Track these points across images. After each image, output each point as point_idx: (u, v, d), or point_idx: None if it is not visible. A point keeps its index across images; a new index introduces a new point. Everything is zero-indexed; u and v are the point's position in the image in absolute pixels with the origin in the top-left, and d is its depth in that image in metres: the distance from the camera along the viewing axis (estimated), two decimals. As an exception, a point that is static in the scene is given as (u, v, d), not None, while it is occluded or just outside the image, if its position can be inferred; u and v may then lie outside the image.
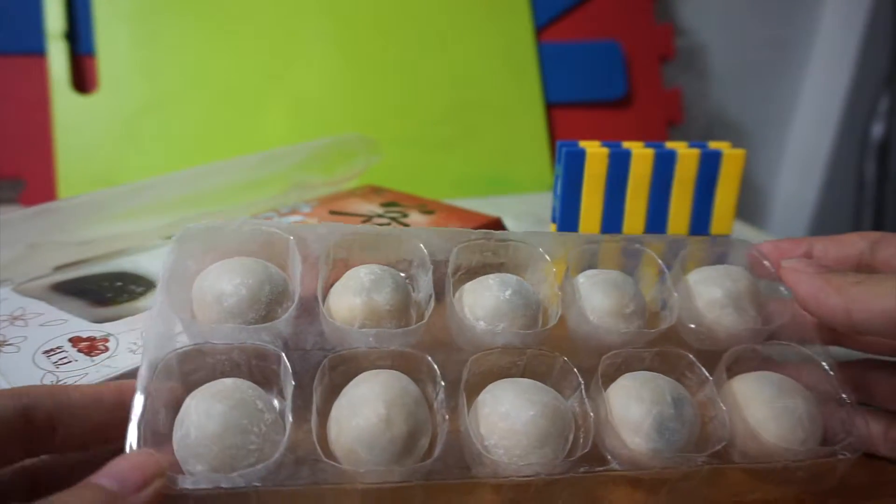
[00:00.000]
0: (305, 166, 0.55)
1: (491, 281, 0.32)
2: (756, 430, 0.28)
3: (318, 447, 0.25)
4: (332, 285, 0.31)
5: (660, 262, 0.34)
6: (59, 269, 0.44)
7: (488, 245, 0.34)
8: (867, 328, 0.27)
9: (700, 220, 0.44)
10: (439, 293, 0.31)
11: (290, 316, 0.29)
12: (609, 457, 0.28)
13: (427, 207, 0.52)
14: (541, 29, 0.78)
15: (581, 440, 0.28)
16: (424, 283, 0.32)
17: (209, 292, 0.29)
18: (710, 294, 0.33)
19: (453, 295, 0.32)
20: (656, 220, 0.44)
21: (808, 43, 0.94)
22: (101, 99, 0.66)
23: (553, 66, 0.78)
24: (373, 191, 0.57)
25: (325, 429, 0.26)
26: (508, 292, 0.31)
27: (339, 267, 0.32)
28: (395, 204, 0.53)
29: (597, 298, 0.32)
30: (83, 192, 0.46)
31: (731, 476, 0.30)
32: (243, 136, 0.69)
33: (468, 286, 0.32)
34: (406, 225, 0.48)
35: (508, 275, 0.32)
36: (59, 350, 0.34)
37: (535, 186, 0.75)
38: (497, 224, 0.51)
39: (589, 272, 0.34)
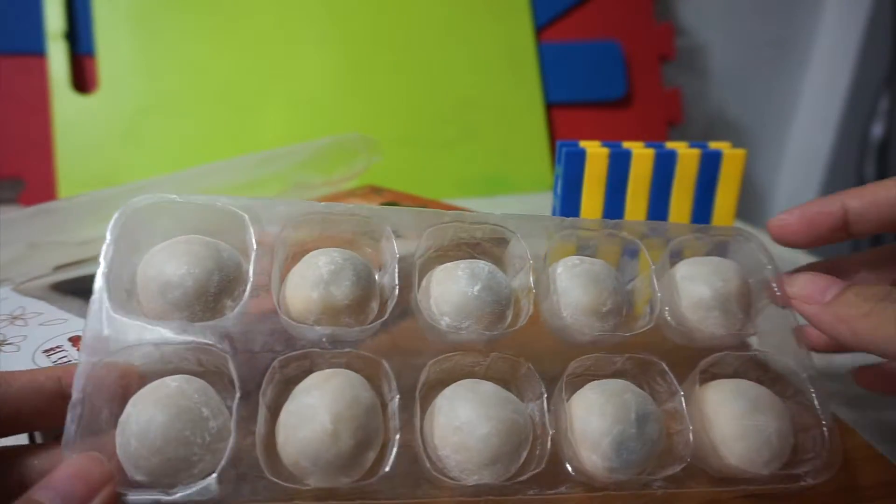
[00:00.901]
0: (305, 166, 0.55)
1: (460, 272, 0.29)
2: (720, 451, 0.27)
3: (262, 462, 0.24)
4: (289, 269, 0.29)
5: (647, 254, 0.32)
6: (59, 268, 0.44)
7: (463, 227, 0.31)
8: (881, 356, 0.27)
9: (700, 221, 0.44)
10: (408, 284, 0.29)
11: (240, 312, 0.27)
12: (564, 472, 0.27)
13: (427, 208, 0.52)
14: (541, 29, 0.78)
15: (538, 453, 0.27)
16: (391, 268, 0.29)
17: (153, 282, 0.27)
18: (696, 293, 0.31)
19: (423, 278, 0.30)
20: (656, 220, 0.44)
21: (808, 43, 0.94)
22: (101, 99, 0.66)
23: (553, 66, 0.78)
24: (373, 191, 0.57)
25: (275, 427, 0.26)
26: (477, 287, 0.29)
27: (300, 248, 0.30)
28: (395, 204, 0.53)
29: (573, 294, 0.30)
30: (83, 192, 0.46)
31: (690, 488, 0.29)
32: (243, 136, 0.69)
33: (437, 274, 0.30)
34: (406, 225, 0.48)
35: (481, 264, 0.30)
36: (58, 349, 0.34)
37: (535, 186, 0.75)
38: (497, 224, 0.50)
39: (569, 260, 0.31)
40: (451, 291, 0.29)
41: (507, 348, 0.29)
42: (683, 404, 0.28)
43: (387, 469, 0.25)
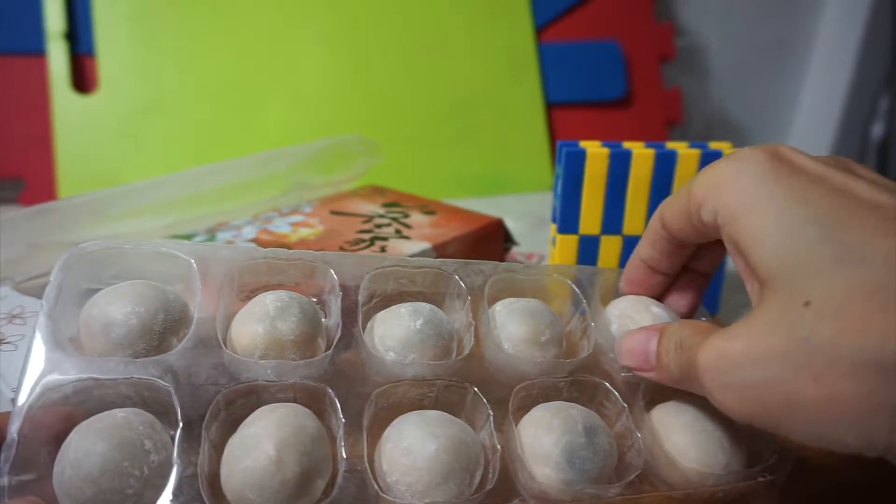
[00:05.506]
0: (305, 167, 0.55)
1: (403, 310, 0.30)
2: (674, 457, 0.27)
3: (204, 497, 0.23)
4: (236, 312, 0.29)
5: (577, 290, 0.34)
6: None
7: (404, 272, 0.32)
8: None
9: (700, 220, 0.44)
10: (352, 322, 0.30)
11: (184, 347, 0.27)
12: (519, 490, 0.26)
13: (428, 208, 0.52)
14: (541, 29, 0.78)
15: (490, 474, 0.26)
16: (335, 311, 0.30)
17: (97, 321, 0.27)
18: (623, 326, 0.32)
19: (366, 323, 0.31)
20: (657, 219, 0.44)
21: (808, 43, 0.94)
22: (101, 99, 0.66)
23: (553, 66, 0.78)
24: (375, 191, 0.57)
25: (220, 463, 0.25)
26: (419, 322, 0.30)
27: (247, 293, 0.30)
28: (397, 204, 0.53)
29: (512, 327, 0.31)
30: (83, 192, 0.46)
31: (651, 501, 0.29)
32: (243, 136, 0.69)
33: (380, 315, 0.31)
34: (408, 226, 0.48)
35: (422, 304, 0.31)
36: (58, 350, 0.34)
37: (535, 186, 0.75)
38: (498, 224, 0.50)
39: (507, 300, 0.33)
40: (394, 327, 0.30)
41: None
42: (631, 420, 0.29)
43: (334, 494, 0.24)
